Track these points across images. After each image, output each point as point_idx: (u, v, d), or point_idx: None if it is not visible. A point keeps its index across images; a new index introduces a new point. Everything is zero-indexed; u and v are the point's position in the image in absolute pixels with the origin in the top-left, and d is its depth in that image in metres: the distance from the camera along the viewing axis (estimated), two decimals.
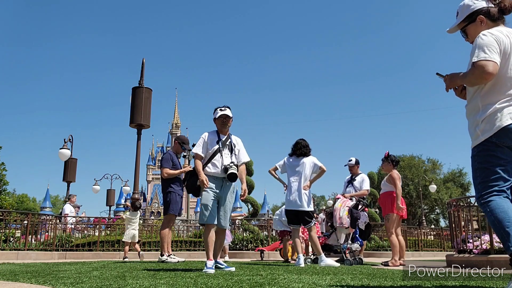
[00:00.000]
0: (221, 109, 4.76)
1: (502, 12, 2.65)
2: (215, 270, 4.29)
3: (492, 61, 2.42)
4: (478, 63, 2.43)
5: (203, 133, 4.82)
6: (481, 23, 2.65)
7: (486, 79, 2.46)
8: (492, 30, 2.56)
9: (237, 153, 4.86)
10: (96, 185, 25.19)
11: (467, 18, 2.70)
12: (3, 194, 10.77)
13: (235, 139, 4.96)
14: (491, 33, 2.53)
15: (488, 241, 5.72)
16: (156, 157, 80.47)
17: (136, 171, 10.88)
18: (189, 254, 10.21)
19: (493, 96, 2.51)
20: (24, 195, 70.81)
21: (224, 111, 4.74)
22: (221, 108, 4.78)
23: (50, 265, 5.86)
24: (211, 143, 4.74)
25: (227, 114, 4.74)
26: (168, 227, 6.97)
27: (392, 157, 6.94)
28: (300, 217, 6.25)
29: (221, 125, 4.77)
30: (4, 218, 9.31)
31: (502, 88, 2.50)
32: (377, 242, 14.07)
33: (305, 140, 6.51)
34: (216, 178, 4.62)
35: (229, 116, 4.76)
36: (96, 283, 2.97)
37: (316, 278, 3.40)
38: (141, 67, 11.33)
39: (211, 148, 4.72)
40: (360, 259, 6.85)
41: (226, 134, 4.84)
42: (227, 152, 4.74)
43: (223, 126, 4.77)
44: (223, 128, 4.78)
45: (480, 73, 2.44)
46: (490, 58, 2.43)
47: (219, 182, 4.64)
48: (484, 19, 2.65)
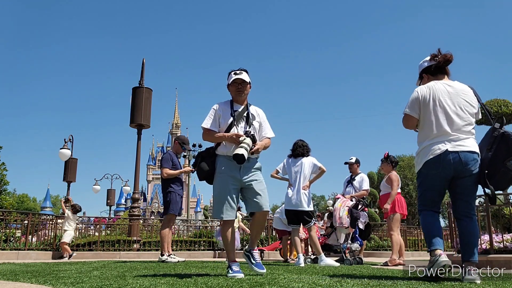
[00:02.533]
0: (236, 73, 3.82)
1: (439, 67, 3.44)
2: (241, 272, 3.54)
3: (409, 115, 3.35)
4: (403, 115, 3.42)
5: (214, 104, 3.88)
6: (427, 78, 3.50)
7: (405, 127, 3.44)
8: (425, 85, 3.39)
9: (257, 127, 3.86)
10: (96, 185, 25.20)
11: (420, 75, 3.58)
12: (4, 194, 10.76)
13: (255, 110, 3.96)
14: (417, 90, 3.37)
15: (488, 241, 5.72)
16: (156, 157, 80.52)
17: (136, 171, 10.89)
18: (189, 254, 10.20)
19: (421, 137, 3.34)
20: (24, 195, 70.89)
21: (239, 75, 3.80)
22: (236, 72, 3.83)
23: (50, 265, 5.87)
24: (224, 115, 3.79)
25: (243, 79, 3.78)
26: (168, 227, 6.98)
27: (391, 157, 6.96)
28: (299, 217, 6.26)
29: (236, 93, 3.82)
30: (4, 218, 9.32)
31: (427, 131, 3.28)
32: (377, 242, 14.08)
33: (303, 141, 6.53)
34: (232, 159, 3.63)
35: (245, 81, 3.79)
36: (96, 283, 2.97)
37: (316, 278, 3.41)
38: (141, 67, 11.34)
39: (224, 122, 3.78)
40: (360, 259, 6.86)
41: (243, 104, 3.87)
42: (244, 127, 3.80)
43: (238, 94, 3.81)
44: (238, 96, 3.82)
45: (403, 122, 3.44)
46: (408, 112, 3.35)
47: (236, 165, 3.67)
48: (426, 75, 3.51)
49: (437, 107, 3.24)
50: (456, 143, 3.16)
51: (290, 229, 7.54)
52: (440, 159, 3.15)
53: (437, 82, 3.35)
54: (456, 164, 3.13)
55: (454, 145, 3.15)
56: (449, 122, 3.20)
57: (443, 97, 3.25)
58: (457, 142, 3.17)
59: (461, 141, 3.18)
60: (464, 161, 3.13)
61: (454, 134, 3.18)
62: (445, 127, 3.20)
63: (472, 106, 3.30)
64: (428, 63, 3.48)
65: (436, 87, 3.31)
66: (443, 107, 3.23)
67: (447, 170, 3.16)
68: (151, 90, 11.09)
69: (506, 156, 3.10)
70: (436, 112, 3.23)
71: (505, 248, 5.52)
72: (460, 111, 3.23)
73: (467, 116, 3.25)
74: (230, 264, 3.59)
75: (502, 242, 5.59)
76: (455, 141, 3.17)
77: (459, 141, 3.17)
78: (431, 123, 3.23)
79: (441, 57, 3.41)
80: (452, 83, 3.37)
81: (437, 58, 3.42)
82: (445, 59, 3.41)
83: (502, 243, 5.58)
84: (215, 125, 3.76)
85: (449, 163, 3.13)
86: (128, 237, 10.44)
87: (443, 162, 3.14)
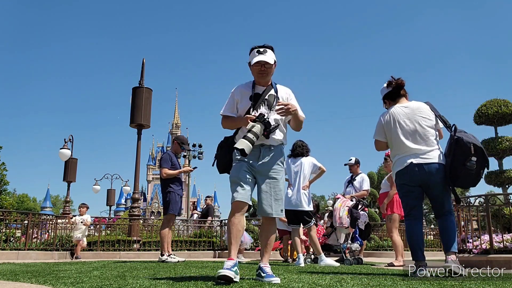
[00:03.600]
0: (259, 51, 3.22)
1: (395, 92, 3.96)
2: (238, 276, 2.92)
3: (377, 140, 3.99)
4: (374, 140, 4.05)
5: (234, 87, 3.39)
6: (388, 103, 4.04)
7: (377, 149, 4.08)
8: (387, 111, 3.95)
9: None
10: (96, 185, 25.19)
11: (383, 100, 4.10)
12: (4, 194, 10.74)
13: (283, 90, 3.41)
14: (380, 117, 3.96)
15: (488, 241, 5.72)
16: (156, 157, 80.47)
17: (136, 171, 10.89)
18: (189, 254, 10.20)
19: (392, 154, 3.94)
20: (24, 195, 70.82)
21: (264, 54, 3.21)
22: (259, 50, 3.23)
23: (50, 264, 5.87)
24: (243, 99, 3.30)
25: (267, 61, 3.20)
26: (168, 227, 6.98)
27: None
28: (299, 217, 6.27)
29: (258, 75, 3.29)
30: (4, 218, 9.32)
31: (395, 149, 3.87)
32: (377, 242, 14.07)
33: (302, 141, 6.53)
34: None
35: (269, 63, 3.22)
36: (96, 283, 2.97)
37: (316, 278, 3.41)
38: (141, 67, 11.34)
39: (242, 107, 3.29)
40: (360, 259, 6.86)
41: (266, 85, 3.33)
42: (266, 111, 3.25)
43: (261, 77, 3.28)
44: (261, 79, 3.29)
45: (375, 146, 4.06)
46: (376, 138, 3.99)
47: (254, 152, 3.18)
48: (387, 101, 4.05)
49: (397, 129, 3.79)
50: (420, 156, 3.67)
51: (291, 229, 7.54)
52: (407, 170, 3.69)
53: (395, 107, 3.89)
54: (422, 174, 3.64)
55: (418, 159, 3.67)
56: (411, 139, 3.73)
57: (402, 118, 3.80)
58: (421, 155, 3.67)
59: (425, 154, 3.67)
60: (428, 172, 3.63)
61: (417, 149, 3.69)
62: (407, 144, 3.72)
63: (430, 120, 3.78)
64: (386, 90, 4.02)
65: (395, 111, 3.86)
66: (403, 127, 3.77)
67: (414, 179, 3.68)
68: (151, 90, 11.08)
69: (464, 158, 3.50)
70: (397, 133, 3.78)
71: (505, 248, 5.53)
72: (419, 126, 3.74)
73: (426, 130, 3.74)
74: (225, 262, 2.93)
75: (502, 242, 5.59)
76: (419, 154, 3.68)
77: (423, 154, 3.67)
78: (396, 142, 3.81)
79: (394, 83, 3.95)
80: (408, 103, 3.89)
81: (392, 85, 3.96)
82: (398, 85, 3.95)
83: (502, 243, 5.58)
84: (231, 111, 3.32)
85: (415, 173, 3.66)
86: (128, 237, 10.44)
87: (410, 172, 3.68)
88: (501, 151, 9.78)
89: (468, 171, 3.49)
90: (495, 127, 10.07)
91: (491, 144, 9.82)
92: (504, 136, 9.92)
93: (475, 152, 3.47)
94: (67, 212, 15.21)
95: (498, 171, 9.99)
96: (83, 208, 9.87)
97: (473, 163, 3.46)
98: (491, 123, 10.01)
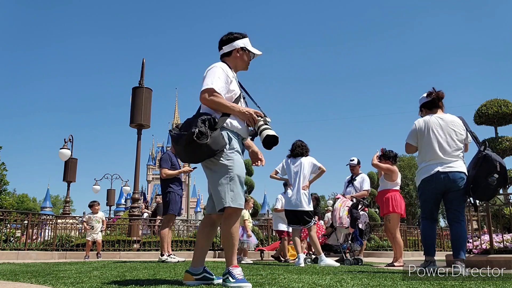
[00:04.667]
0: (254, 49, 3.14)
1: (434, 102, 4.29)
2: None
3: (409, 143, 4.30)
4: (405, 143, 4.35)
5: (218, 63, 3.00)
6: (424, 111, 4.39)
7: (407, 152, 4.46)
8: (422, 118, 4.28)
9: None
10: (96, 185, 25.19)
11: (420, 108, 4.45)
12: (3, 194, 10.76)
13: None
14: (415, 123, 4.28)
15: (488, 241, 5.72)
16: (156, 157, 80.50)
17: (136, 171, 10.89)
18: (189, 254, 10.19)
19: (420, 159, 4.22)
20: (24, 195, 70.82)
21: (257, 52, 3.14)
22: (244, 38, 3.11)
23: (50, 265, 5.87)
24: (234, 84, 3.00)
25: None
26: (168, 227, 6.98)
27: (387, 152, 6.72)
28: (299, 217, 6.26)
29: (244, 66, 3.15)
30: (4, 218, 9.32)
31: (423, 155, 4.15)
32: (377, 242, 14.07)
33: (302, 141, 6.53)
34: (238, 136, 2.95)
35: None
36: (96, 283, 2.97)
37: (316, 278, 3.41)
38: (141, 67, 11.35)
39: (232, 91, 2.96)
40: (360, 259, 6.86)
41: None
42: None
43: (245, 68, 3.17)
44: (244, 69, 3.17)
45: (405, 148, 4.38)
46: (408, 141, 4.29)
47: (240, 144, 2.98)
48: (424, 109, 4.40)
49: (431, 137, 4.10)
50: (446, 165, 4.00)
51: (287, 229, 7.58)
52: (433, 178, 4.01)
53: (431, 116, 4.21)
54: (446, 181, 3.98)
55: (445, 167, 4.00)
56: (440, 149, 4.04)
57: (436, 128, 4.11)
58: (447, 164, 4.01)
59: (451, 163, 4.01)
60: (452, 179, 3.98)
61: (444, 158, 4.02)
62: (437, 153, 4.04)
63: (461, 134, 4.13)
64: (425, 99, 4.34)
65: (431, 120, 4.17)
66: (435, 136, 4.08)
67: (439, 186, 4.01)
68: (151, 90, 11.09)
69: (487, 173, 3.84)
70: (430, 140, 4.09)
71: (505, 248, 5.53)
72: (450, 139, 4.07)
73: (456, 143, 4.08)
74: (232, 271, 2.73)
75: (502, 242, 5.59)
76: (445, 163, 4.01)
77: (449, 164, 4.01)
78: (426, 149, 4.11)
79: (435, 94, 4.27)
80: (443, 115, 4.20)
81: (432, 95, 4.27)
82: (438, 96, 4.27)
83: (502, 243, 5.58)
84: (222, 90, 2.87)
85: (440, 181, 3.98)
86: (128, 237, 10.45)
87: (436, 180, 4.00)
88: (501, 151, 9.79)
89: (489, 185, 3.84)
90: (495, 127, 10.08)
91: (491, 144, 9.83)
92: (504, 136, 9.93)
93: (500, 169, 3.82)
94: (67, 212, 15.21)
95: None
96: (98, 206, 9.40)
97: (494, 179, 3.81)
98: (491, 123, 10.01)
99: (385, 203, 6.53)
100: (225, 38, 3.10)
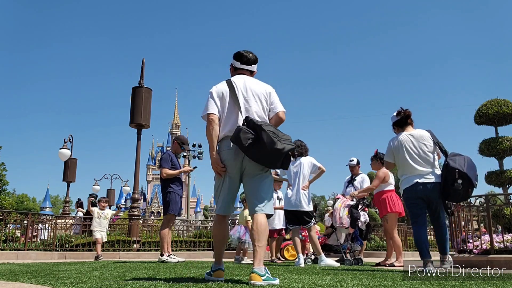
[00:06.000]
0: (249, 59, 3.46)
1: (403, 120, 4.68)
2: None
3: (387, 161, 4.80)
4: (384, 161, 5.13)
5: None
6: (397, 129, 4.78)
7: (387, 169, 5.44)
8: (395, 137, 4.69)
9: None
10: (96, 185, 25.14)
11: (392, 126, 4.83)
12: (3, 194, 10.79)
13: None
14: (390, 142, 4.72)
15: (488, 241, 5.71)
16: (156, 157, 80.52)
17: (136, 171, 10.88)
18: (189, 254, 10.19)
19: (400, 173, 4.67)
20: (24, 195, 70.84)
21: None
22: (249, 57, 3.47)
23: (50, 265, 5.86)
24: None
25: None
26: (168, 227, 6.97)
27: (380, 155, 6.79)
28: (299, 217, 6.25)
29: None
30: (4, 218, 9.31)
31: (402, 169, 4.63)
32: (377, 242, 14.04)
33: (301, 141, 6.52)
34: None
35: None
36: (96, 283, 2.97)
37: (316, 278, 3.40)
38: (141, 67, 11.33)
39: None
40: (360, 259, 6.85)
41: None
42: None
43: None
44: None
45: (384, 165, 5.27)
46: (386, 159, 4.80)
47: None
48: (396, 127, 4.79)
49: (405, 154, 4.54)
50: (424, 176, 4.44)
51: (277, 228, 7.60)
52: (413, 187, 4.46)
53: (403, 134, 4.63)
54: (424, 190, 4.43)
55: (422, 179, 4.44)
56: (415, 163, 4.49)
57: (408, 145, 4.55)
58: (424, 175, 4.44)
59: (428, 175, 4.45)
60: (429, 189, 4.41)
61: (421, 170, 4.46)
62: (413, 167, 4.49)
63: (430, 146, 4.55)
64: (395, 118, 4.75)
65: (403, 138, 4.60)
66: (409, 152, 4.52)
67: (418, 194, 4.45)
68: (151, 90, 11.07)
69: (452, 180, 4.21)
70: (405, 157, 4.54)
71: (505, 248, 5.52)
72: (422, 153, 4.51)
73: (428, 155, 4.51)
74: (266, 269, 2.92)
75: (503, 242, 5.58)
76: (422, 175, 4.45)
77: (426, 175, 4.45)
78: (404, 164, 4.57)
79: (403, 113, 4.68)
80: (413, 132, 4.63)
81: (401, 114, 4.68)
82: (405, 115, 4.67)
83: (502, 243, 5.58)
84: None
85: (420, 190, 4.43)
86: (128, 237, 10.44)
87: (415, 189, 4.45)
88: (502, 151, 9.76)
89: (456, 190, 4.23)
90: (495, 127, 10.05)
91: (492, 144, 9.80)
92: (505, 136, 9.89)
93: (460, 176, 4.19)
94: (67, 212, 15.20)
95: (498, 171, 9.97)
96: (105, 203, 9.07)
97: (458, 185, 4.18)
98: (492, 123, 9.98)
99: (382, 204, 6.58)
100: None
